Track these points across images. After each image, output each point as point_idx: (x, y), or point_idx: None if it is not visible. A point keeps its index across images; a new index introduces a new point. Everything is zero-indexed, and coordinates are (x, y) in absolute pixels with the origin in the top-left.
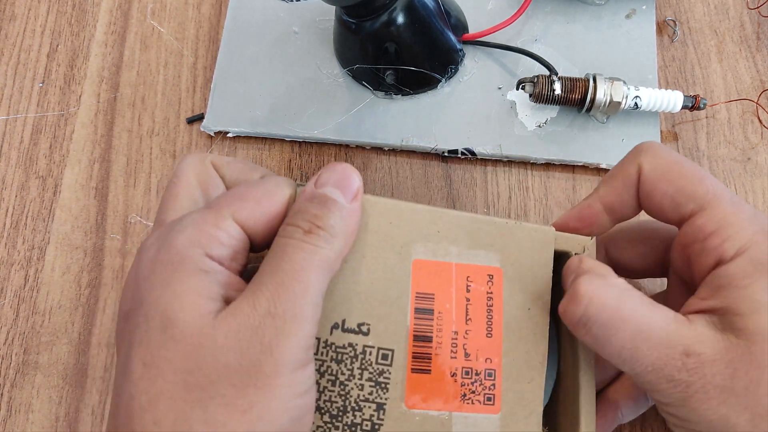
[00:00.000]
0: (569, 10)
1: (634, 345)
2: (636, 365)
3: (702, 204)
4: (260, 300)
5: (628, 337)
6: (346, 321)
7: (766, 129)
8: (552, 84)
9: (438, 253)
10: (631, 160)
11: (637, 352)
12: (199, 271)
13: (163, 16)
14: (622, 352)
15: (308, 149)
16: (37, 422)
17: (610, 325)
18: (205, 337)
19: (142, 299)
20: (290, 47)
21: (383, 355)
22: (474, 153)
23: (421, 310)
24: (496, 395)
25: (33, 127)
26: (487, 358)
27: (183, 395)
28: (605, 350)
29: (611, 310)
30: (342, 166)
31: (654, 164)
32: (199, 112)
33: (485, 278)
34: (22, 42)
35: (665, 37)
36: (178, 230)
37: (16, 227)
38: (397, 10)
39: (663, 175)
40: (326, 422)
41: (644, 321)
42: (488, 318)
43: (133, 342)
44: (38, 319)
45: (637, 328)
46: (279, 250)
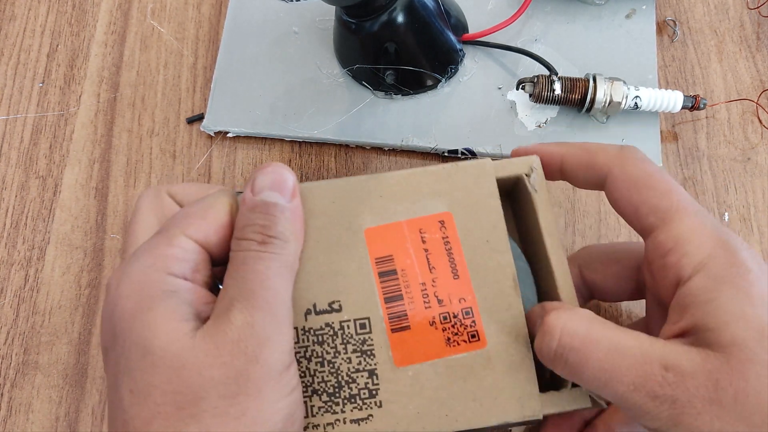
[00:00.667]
0: (569, 10)
1: (611, 365)
2: (617, 385)
3: (663, 218)
4: (235, 314)
5: (603, 357)
6: (316, 305)
7: (766, 129)
8: (552, 84)
9: (386, 217)
10: (604, 156)
11: (616, 371)
12: (164, 293)
13: (163, 16)
14: (600, 374)
15: (308, 149)
16: (37, 422)
17: (583, 349)
18: (186, 358)
19: (116, 333)
20: (290, 47)
21: (360, 324)
22: (474, 153)
23: (384, 273)
24: (478, 331)
25: (33, 127)
26: (460, 299)
27: (175, 413)
28: (584, 375)
29: (582, 335)
30: (273, 166)
31: (624, 171)
32: (199, 112)
33: (437, 225)
34: (22, 42)
35: (665, 37)
36: (133, 260)
37: (16, 227)
38: (397, 10)
39: (631, 183)
40: (326, 402)
41: (617, 340)
42: (451, 261)
43: (117, 373)
44: (38, 319)
45: (611, 347)
46: (239, 263)
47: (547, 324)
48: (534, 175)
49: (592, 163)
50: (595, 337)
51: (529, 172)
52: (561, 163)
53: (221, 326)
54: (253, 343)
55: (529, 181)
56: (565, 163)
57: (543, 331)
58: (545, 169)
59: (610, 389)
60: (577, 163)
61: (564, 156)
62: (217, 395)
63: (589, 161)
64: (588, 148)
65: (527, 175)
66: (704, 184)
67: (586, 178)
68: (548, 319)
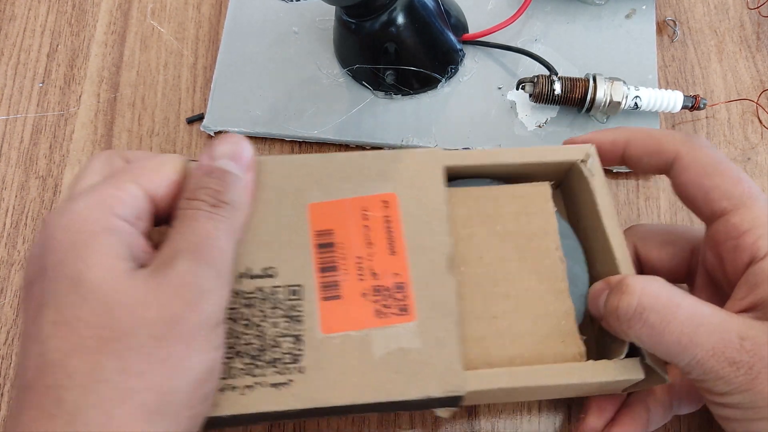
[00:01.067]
0: (569, 10)
1: (692, 329)
2: (697, 350)
3: (736, 203)
4: (180, 262)
5: (685, 321)
6: (251, 269)
7: (766, 129)
8: (552, 84)
9: (332, 193)
10: (671, 141)
11: (696, 336)
12: (104, 230)
13: (163, 16)
14: (681, 338)
15: (308, 149)
16: None
17: (666, 311)
18: (119, 295)
19: (46, 265)
20: (290, 47)
21: (292, 291)
22: None
23: (322, 245)
24: (409, 305)
25: (33, 127)
26: (394, 273)
27: (98, 347)
28: (663, 338)
29: (665, 297)
30: (235, 137)
31: (694, 156)
32: (199, 112)
33: (380, 205)
34: (22, 42)
35: (665, 37)
36: (79, 197)
37: (16, 227)
38: (397, 10)
39: (702, 169)
40: (247, 364)
41: (697, 307)
42: (389, 239)
43: (41, 306)
44: None
45: (692, 313)
46: (188, 219)
47: (626, 284)
48: (591, 160)
49: (660, 148)
50: (677, 301)
51: (585, 158)
52: (624, 147)
53: (163, 271)
54: (193, 292)
55: (586, 167)
56: (630, 148)
57: (621, 290)
58: (605, 154)
59: (689, 353)
60: (643, 147)
61: (629, 140)
62: (147, 334)
63: (657, 146)
64: (653, 134)
65: (583, 161)
66: None
67: (651, 162)
68: (628, 279)
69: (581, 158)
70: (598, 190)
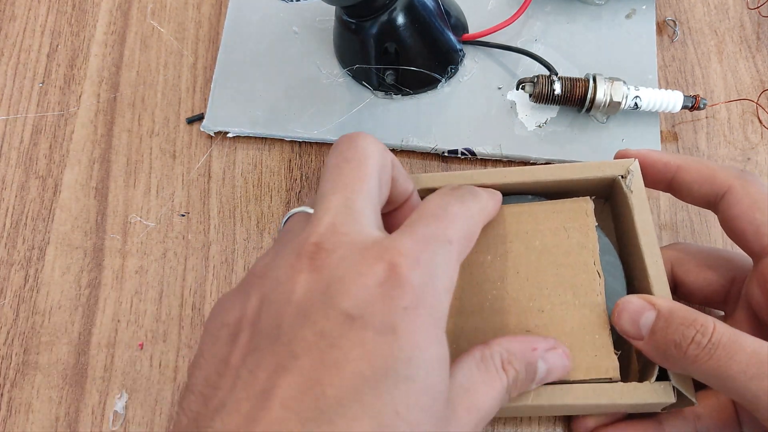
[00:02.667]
0: (569, 10)
1: (756, 364)
2: (765, 381)
3: None
4: None
5: (747, 357)
6: None
7: (766, 129)
8: (552, 84)
9: None
10: (725, 173)
11: (761, 370)
12: None
13: (163, 16)
14: (748, 369)
15: (308, 149)
16: (37, 422)
17: (730, 346)
18: None
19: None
20: (290, 47)
21: None
22: (474, 153)
23: None
24: None
25: (33, 127)
26: None
27: None
28: (730, 371)
29: (730, 334)
30: None
31: (747, 190)
32: (199, 112)
33: None
34: (22, 42)
35: (665, 37)
36: None
37: (16, 227)
38: (397, 10)
39: (754, 203)
40: None
41: (758, 344)
42: None
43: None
44: (38, 319)
45: (755, 349)
46: None
47: (699, 322)
48: (630, 176)
49: (713, 178)
50: (742, 337)
51: (625, 174)
52: (675, 173)
53: None
54: None
55: (625, 183)
56: (682, 173)
57: (690, 327)
58: (654, 175)
59: (755, 384)
60: (697, 174)
61: (681, 167)
62: None
63: (710, 176)
64: (708, 163)
65: (623, 177)
66: None
67: (702, 191)
68: (699, 317)
69: (621, 174)
70: (636, 207)
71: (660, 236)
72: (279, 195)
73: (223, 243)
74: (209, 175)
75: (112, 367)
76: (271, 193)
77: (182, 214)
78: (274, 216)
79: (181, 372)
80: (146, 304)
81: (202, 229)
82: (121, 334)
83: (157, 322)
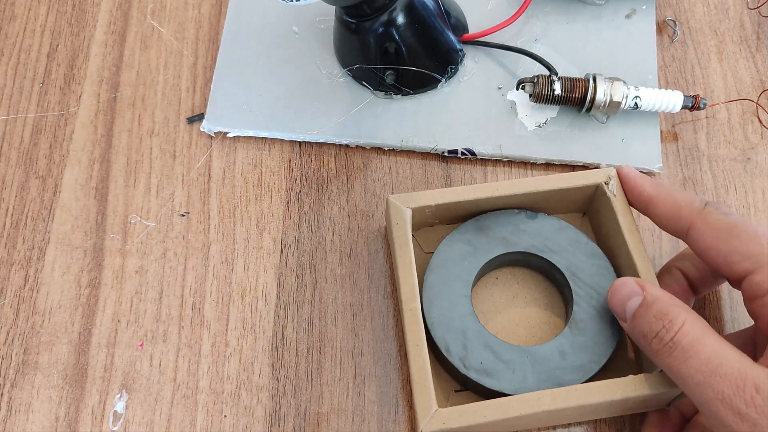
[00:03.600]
0: (569, 10)
1: (710, 369)
2: (707, 390)
3: (757, 262)
4: None
5: (704, 359)
6: None
7: (766, 129)
8: (552, 84)
9: None
10: (688, 209)
11: (711, 377)
12: None
13: (163, 16)
14: (696, 375)
15: (308, 149)
16: (37, 422)
17: (691, 347)
18: None
19: None
20: (290, 47)
21: None
22: (474, 153)
23: None
24: None
25: (33, 127)
26: None
27: None
28: (681, 370)
29: (695, 334)
30: None
31: (707, 224)
32: (199, 112)
33: None
34: (22, 42)
35: (665, 37)
36: None
37: (16, 227)
38: (397, 10)
39: (716, 234)
40: None
41: (721, 349)
42: None
43: None
44: (38, 319)
45: (714, 353)
46: None
47: (669, 317)
48: (612, 182)
49: (677, 215)
50: (705, 341)
51: (607, 180)
52: (647, 204)
53: None
54: None
55: (608, 188)
56: (653, 206)
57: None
58: (631, 198)
59: (700, 391)
60: (664, 210)
61: (652, 199)
62: None
63: (675, 212)
64: (677, 198)
65: (606, 183)
66: (704, 184)
67: (670, 227)
68: (672, 311)
69: (604, 180)
70: (619, 210)
71: (660, 236)
72: (279, 195)
73: (223, 243)
74: (209, 175)
75: (112, 367)
76: (271, 193)
77: (182, 214)
78: (274, 216)
79: (181, 372)
80: (146, 304)
81: (202, 229)
82: (121, 334)
83: (157, 322)
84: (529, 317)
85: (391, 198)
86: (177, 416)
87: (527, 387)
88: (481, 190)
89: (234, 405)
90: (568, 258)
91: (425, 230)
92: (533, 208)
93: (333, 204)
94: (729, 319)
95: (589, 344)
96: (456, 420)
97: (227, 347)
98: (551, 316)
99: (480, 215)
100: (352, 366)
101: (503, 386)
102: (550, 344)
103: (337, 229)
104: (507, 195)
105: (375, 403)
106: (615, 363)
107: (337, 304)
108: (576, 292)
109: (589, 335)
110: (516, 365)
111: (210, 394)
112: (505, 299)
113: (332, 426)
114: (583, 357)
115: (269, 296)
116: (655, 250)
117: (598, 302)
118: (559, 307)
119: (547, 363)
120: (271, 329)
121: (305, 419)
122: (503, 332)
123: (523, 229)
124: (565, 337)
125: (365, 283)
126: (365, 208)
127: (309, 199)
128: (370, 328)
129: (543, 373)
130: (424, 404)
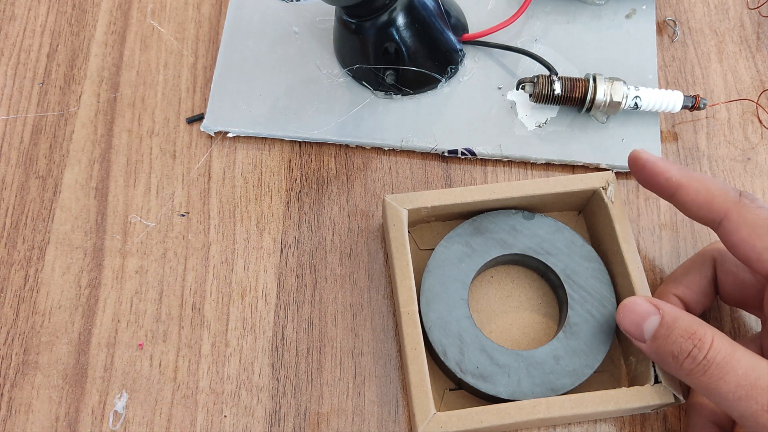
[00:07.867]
0: (569, 10)
1: (749, 383)
2: (751, 403)
3: None
4: None
5: (741, 375)
6: None
7: (766, 129)
8: (552, 84)
9: None
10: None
11: (753, 390)
12: None
13: (163, 16)
14: (737, 390)
15: (308, 149)
16: (37, 422)
17: (724, 364)
18: None
19: None
20: (290, 47)
21: None
22: (474, 153)
23: None
24: None
25: (33, 127)
26: None
27: None
28: (720, 387)
29: (727, 351)
30: None
31: (744, 217)
32: (199, 112)
33: None
34: (22, 42)
35: (665, 37)
36: None
37: (16, 227)
38: (397, 10)
39: (752, 230)
40: None
41: (755, 363)
42: None
43: None
44: (38, 319)
45: (749, 368)
46: None
47: (698, 335)
48: (610, 188)
49: (710, 204)
50: (738, 356)
51: (605, 185)
52: (675, 190)
53: None
54: None
55: (606, 194)
56: (681, 194)
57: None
58: (655, 185)
59: (743, 405)
60: (695, 197)
61: (681, 186)
62: None
63: (708, 200)
64: (709, 186)
65: (603, 189)
66: None
67: (700, 215)
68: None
69: (602, 185)
70: (616, 217)
71: (660, 236)
72: (279, 195)
73: (223, 243)
74: (209, 175)
75: (112, 367)
76: (271, 193)
77: (182, 214)
78: (274, 216)
79: (181, 372)
80: (146, 304)
81: (202, 229)
82: (121, 334)
83: (157, 322)
84: (523, 318)
85: (388, 198)
86: (177, 416)
87: (521, 391)
88: (478, 192)
89: (234, 405)
90: (564, 260)
91: (421, 227)
92: (530, 208)
93: (333, 204)
94: (729, 319)
95: (583, 348)
96: (453, 424)
97: (227, 347)
98: (544, 317)
99: (477, 215)
100: (352, 366)
101: (498, 390)
102: (544, 348)
103: (337, 229)
104: (503, 198)
105: (375, 403)
106: (606, 366)
107: (337, 304)
108: (571, 296)
109: (582, 339)
110: (511, 370)
111: (210, 394)
112: (500, 298)
113: (332, 426)
114: (576, 361)
115: (269, 296)
116: (655, 250)
117: (592, 306)
118: (552, 307)
119: (542, 367)
120: (271, 329)
121: (305, 419)
122: (497, 332)
123: (520, 230)
124: (560, 341)
125: (365, 283)
126: (365, 208)
127: (309, 199)
128: (370, 328)
129: (537, 377)
130: (422, 407)
